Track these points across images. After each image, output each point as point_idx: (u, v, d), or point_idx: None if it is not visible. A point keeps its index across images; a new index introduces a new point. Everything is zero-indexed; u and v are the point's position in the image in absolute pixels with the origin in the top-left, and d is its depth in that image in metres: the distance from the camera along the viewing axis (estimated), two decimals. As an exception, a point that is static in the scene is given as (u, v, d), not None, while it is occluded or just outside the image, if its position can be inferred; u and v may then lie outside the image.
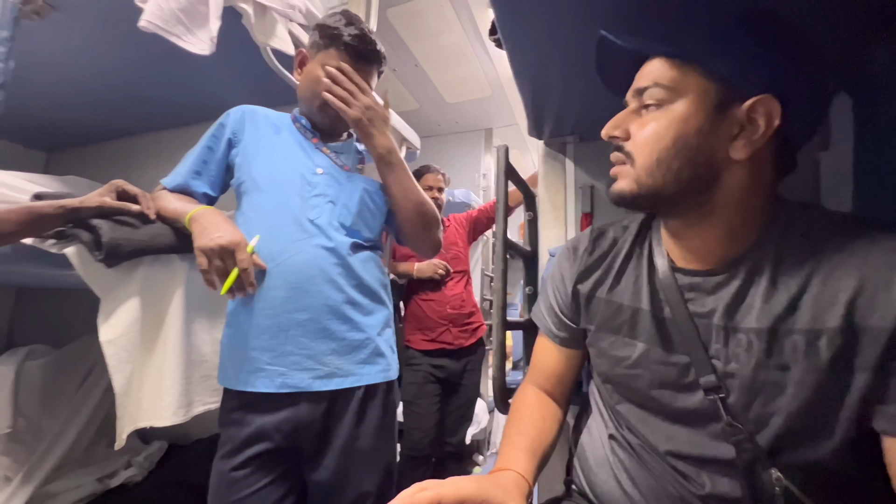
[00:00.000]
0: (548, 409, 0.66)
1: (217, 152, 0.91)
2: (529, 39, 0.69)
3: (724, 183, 0.48)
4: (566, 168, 1.12)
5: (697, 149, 0.47)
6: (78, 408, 1.29)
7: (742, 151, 0.46)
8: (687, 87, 0.47)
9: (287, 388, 0.78)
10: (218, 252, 0.74)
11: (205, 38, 0.89)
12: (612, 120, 0.53)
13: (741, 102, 0.46)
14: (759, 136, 0.46)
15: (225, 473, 0.78)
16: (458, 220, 2.01)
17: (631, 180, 0.51)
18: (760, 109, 0.45)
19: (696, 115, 0.47)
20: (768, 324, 0.46)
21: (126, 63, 1.36)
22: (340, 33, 0.87)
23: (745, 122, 0.46)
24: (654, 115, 0.49)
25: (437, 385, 1.76)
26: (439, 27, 2.33)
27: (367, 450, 0.83)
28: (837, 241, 0.45)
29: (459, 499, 0.45)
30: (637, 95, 0.52)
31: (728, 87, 0.46)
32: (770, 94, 0.45)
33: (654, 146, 0.49)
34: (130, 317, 0.78)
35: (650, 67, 0.51)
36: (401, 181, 0.90)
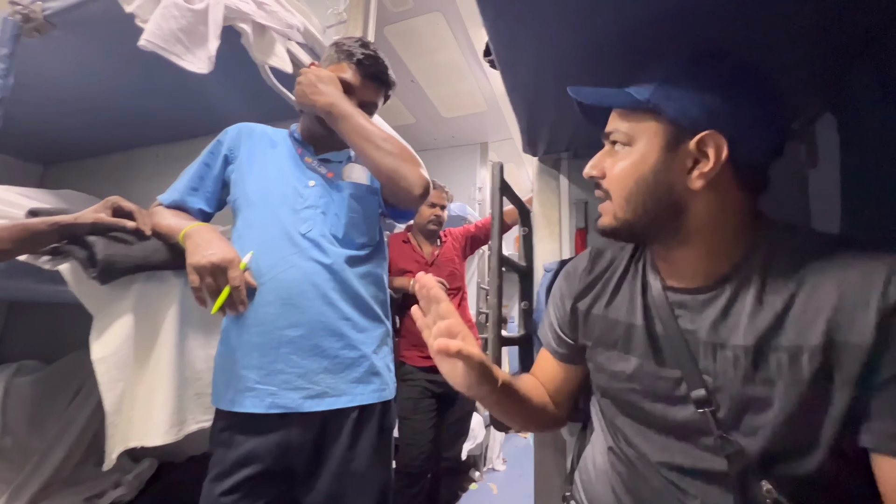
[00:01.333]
0: (541, 388, 0.70)
1: (213, 169, 0.91)
2: (523, 61, 0.70)
3: (692, 211, 0.52)
4: (560, 184, 1.13)
5: (656, 184, 0.52)
6: (67, 426, 1.27)
7: (698, 182, 0.50)
8: (641, 131, 0.53)
9: (277, 409, 0.77)
10: (210, 269, 0.73)
11: (203, 57, 0.90)
12: (590, 161, 0.59)
13: (690, 138, 0.50)
14: (710, 167, 0.50)
15: (214, 498, 0.76)
16: (454, 236, 2.01)
17: (610, 216, 0.56)
18: (709, 142, 0.49)
19: (651, 153, 0.52)
20: (754, 340, 0.48)
21: (125, 79, 1.37)
22: (355, 52, 0.90)
23: (697, 155, 0.50)
24: (621, 156, 0.55)
25: (434, 400, 1.74)
26: (435, 44, 2.38)
27: (362, 472, 0.81)
28: (820, 260, 0.47)
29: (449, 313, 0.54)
30: (606, 138, 0.58)
31: (677, 127, 0.51)
32: (714, 130, 0.49)
33: (622, 185, 0.54)
34: (123, 334, 0.77)
35: (613, 115, 0.57)
36: (355, 128, 0.84)
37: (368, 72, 0.90)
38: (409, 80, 2.70)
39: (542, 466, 1.05)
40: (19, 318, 1.89)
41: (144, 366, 0.81)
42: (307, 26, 1.21)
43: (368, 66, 0.90)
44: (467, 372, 0.53)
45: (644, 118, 0.53)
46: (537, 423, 0.69)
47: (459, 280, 1.92)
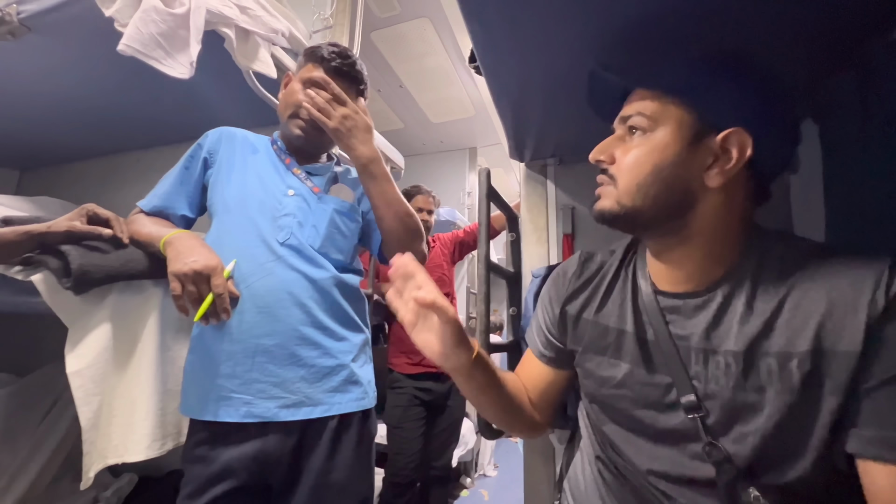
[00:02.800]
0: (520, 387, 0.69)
1: (194, 173, 0.90)
2: (508, 68, 0.70)
3: (699, 209, 0.51)
4: (547, 190, 1.13)
5: (674, 175, 0.50)
6: (41, 441, 1.22)
7: (716, 179, 0.50)
8: (666, 117, 0.51)
9: (252, 418, 0.75)
10: (192, 277, 0.71)
11: (184, 62, 0.88)
12: (598, 145, 0.57)
13: (716, 134, 0.49)
14: (731, 165, 0.49)
15: None
16: (443, 241, 2.01)
17: (612, 200, 0.54)
18: (733, 140, 0.49)
19: (673, 143, 0.51)
20: (744, 346, 0.48)
21: (104, 83, 1.34)
22: (321, 51, 0.89)
23: (719, 152, 0.49)
24: (636, 142, 0.53)
25: (422, 408, 1.73)
26: (423, 50, 2.38)
27: (341, 484, 0.79)
28: (809, 268, 0.47)
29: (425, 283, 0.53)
30: (622, 123, 0.56)
31: (704, 120, 0.50)
32: (742, 127, 0.48)
33: (635, 171, 0.52)
34: (99, 346, 0.74)
35: (636, 97, 0.55)
36: (384, 192, 0.86)
37: (332, 67, 0.88)
38: (397, 85, 2.70)
39: (532, 474, 1.04)
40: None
41: (123, 378, 0.78)
42: (293, 31, 1.20)
43: (334, 64, 0.88)
44: (443, 335, 0.53)
45: (669, 106, 0.51)
46: (512, 418, 0.67)
47: (448, 286, 1.91)
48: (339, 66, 0.89)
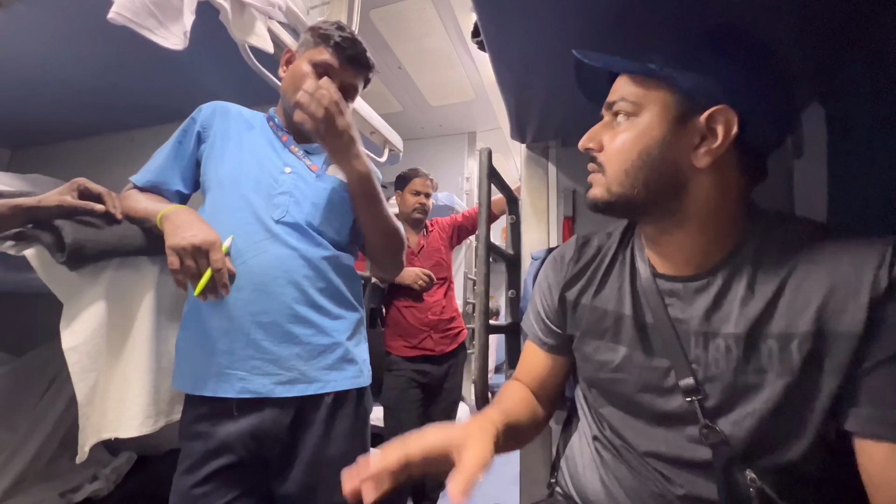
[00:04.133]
0: (528, 398, 0.68)
1: (187, 147, 0.88)
2: (513, 42, 0.69)
3: (691, 191, 0.51)
4: (549, 172, 1.12)
5: (661, 159, 0.50)
6: (39, 419, 1.22)
7: (704, 160, 0.49)
8: (650, 100, 0.50)
9: (247, 394, 0.75)
10: (191, 252, 0.70)
11: (178, 33, 0.86)
12: (587, 133, 0.56)
13: (700, 113, 0.48)
14: (718, 144, 0.48)
15: (185, 490, 0.74)
16: (441, 226, 2.00)
17: (603, 188, 0.54)
18: (719, 119, 0.48)
19: (658, 126, 0.50)
20: (745, 329, 0.48)
21: (97, 58, 1.31)
22: (332, 34, 0.86)
23: (705, 131, 0.48)
24: (623, 128, 0.52)
25: (419, 390, 1.74)
26: (423, 30, 2.33)
27: (338, 459, 0.79)
28: (811, 249, 0.47)
29: (425, 451, 0.45)
30: (608, 109, 0.55)
31: (688, 100, 0.49)
32: (726, 105, 0.47)
33: (623, 157, 0.51)
34: (95, 322, 0.73)
35: (619, 82, 0.54)
36: (372, 210, 0.87)
37: (347, 55, 0.87)
38: (396, 66, 2.65)
39: (528, 454, 1.05)
40: (-14, 309, 1.82)
41: (118, 355, 0.78)
42: (290, 5, 1.17)
43: (346, 49, 0.87)
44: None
45: (654, 88, 0.50)
46: (534, 435, 0.66)
47: (446, 270, 1.91)
48: (353, 55, 0.87)
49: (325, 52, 0.86)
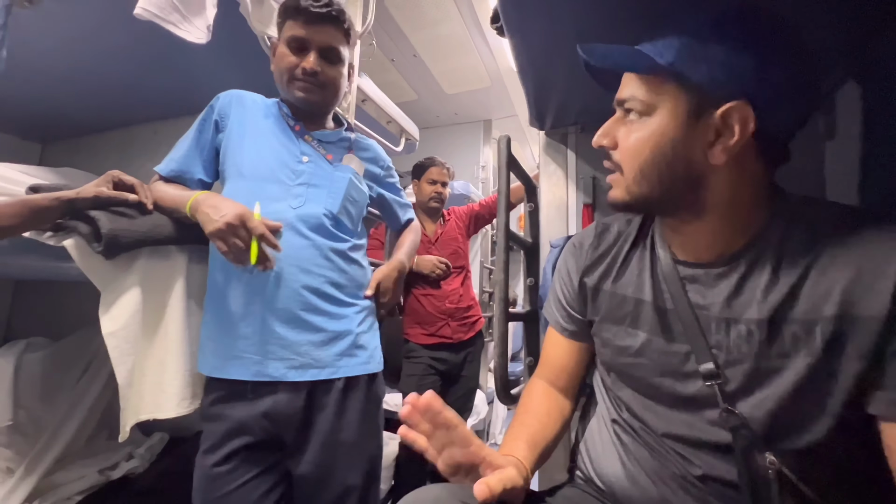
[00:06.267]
0: (553, 403, 0.68)
1: (207, 137, 0.90)
2: (534, 27, 0.68)
3: (709, 185, 0.50)
4: (568, 159, 1.11)
5: (674, 158, 0.49)
6: (78, 400, 1.28)
7: (720, 157, 0.47)
8: (661, 99, 0.49)
9: (263, 377, 0.78)
10: (229, 230, 0.73)
11: (201, 27, 0.87)
12: (601, 129, 0.55)
13: (715, 109, 0.46)
14: (735, 141, 0.46)
15: (207, 469, 0.78)
16: (458, 215, 1.99)
17: (622, 190, 0.53)
18: (735, 115, 0.46)
19: (670, 126, 0.48)
20: (768, 314, 0.47)
21: (121, 52, 1.34)
22: (290, 4, 0.85)
23: (721, 127, 0.47)
24: (636, 126, 0.51)
25: (437, 377, 1.76)
26: (438, 16, 2.30)
27: (351, 442, 0.82)
28: (838, 233, 0.46)
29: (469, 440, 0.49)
30: (620, 105, 0.54)
31: (701, 95, 0.47)
32: (743, 100, 0.45)
33: (637, 157, 0.51)
34: (131, 308, 0.77)
35: (628, 78, 0.52)
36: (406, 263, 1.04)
37: (311, 15, 0.84)
38: (411, 54, 2.63)
39: (547, 440, 1.06)
40: (26, 296, 1.91)
41: (153, 340, 0.81)
42: (307, -6, 1.17)
43: (310, 10, 0.84)
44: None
45: (664, 85, 0.49)
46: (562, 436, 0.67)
47: (463, 259, 1.91)
48: (320, 12, 0.84)
49: (293, 26, 0.85)
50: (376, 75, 2.68)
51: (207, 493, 0.78)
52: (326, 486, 0.81)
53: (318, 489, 0.81)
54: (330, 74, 0.87)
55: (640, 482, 0.56)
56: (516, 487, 0.49)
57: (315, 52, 0.85)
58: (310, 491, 0.81)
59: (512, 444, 0.59)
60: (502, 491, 0.46)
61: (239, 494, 0.77)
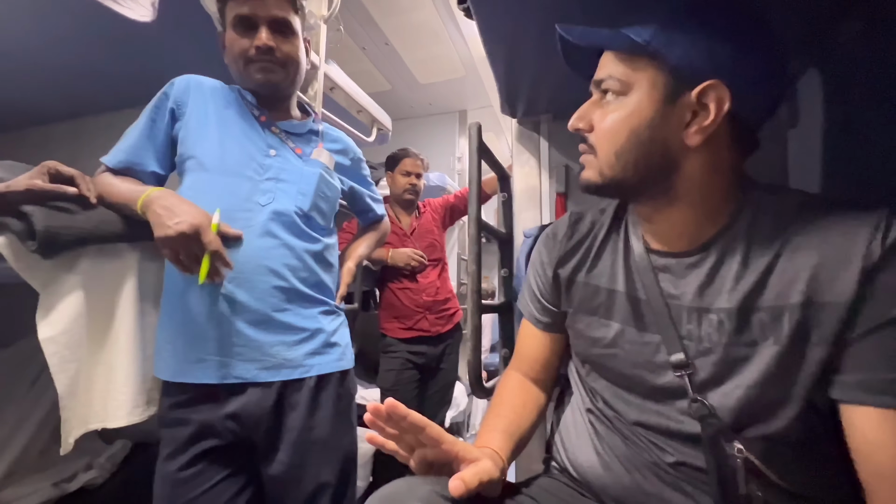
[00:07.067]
0: (529, 394, 0.68)
1: (161, 125, 0.83)
2: (501, 8, 0.65)
3: (683, 169, 0.50)
4: (540, 147, 1.09)
5: (650, 140, 0.49)
6: (29, 410, 1.21)
7: (695, 138, 0.47)
8: (638, 78, 0.49)
9: (232, 379, 0.75)
10: (181, 241, 0.68)
11: (145, 3, 0.81)
12: (576, 112, 0.54)
13: (691, 89, 0.46)
14: (710, 121, 0.46)
15: (171, 474, 0.74)
16: (433, 207, 1.97)
17: (595, 171, 0.53)
18: (711, 95, 0.46)
19: (647, 106, 0.48)
20: (738, 303, 0.48)
21: (67, 39, 1.24)
22: None
23: (697, 108, 0.47)
24: (613, 107, 0.51)
25: (416, 371, 1.74)
26: (410, 4, 2.25)
27: (323, 439, 0.80)
28: (803, 221, 0.46)
29: (440, 438, 0.48)
30: (596, 87, 0.53)
31: (677, 76, 0.47)
32: (718, 80, 0.45)
33: (612, 139, 0.50)
34: (73, 312, 0.71)
35: (606, 59, 0.52)
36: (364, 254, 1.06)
37: None
38: (383, 42, 2.56)
39: (523, 431, 1.06)
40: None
41: (101, 345, 0.76)
42: (266, -25, 1.10)
43: None
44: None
45: (641, 64, 0.48)
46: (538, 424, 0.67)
47: (440, 251, 1.89)
48: None
49: (235, 6, 0.80)
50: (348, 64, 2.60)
51: (173, 500, 0.74)
52: (299, 485, 0.78)
53: (290, 488, 0.78)
54: (285, 49, 0.83)
55: (613, 470, 0.57)
56: (493, 479, 0.48)
57: (265, 26, 0.80)
58: (282, 491, 0.79)
59: (488, 435, 0.59)
60: (478, 484, 0.46)
61: (207, 498, 0.74)
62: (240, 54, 0.80)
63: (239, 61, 0.81)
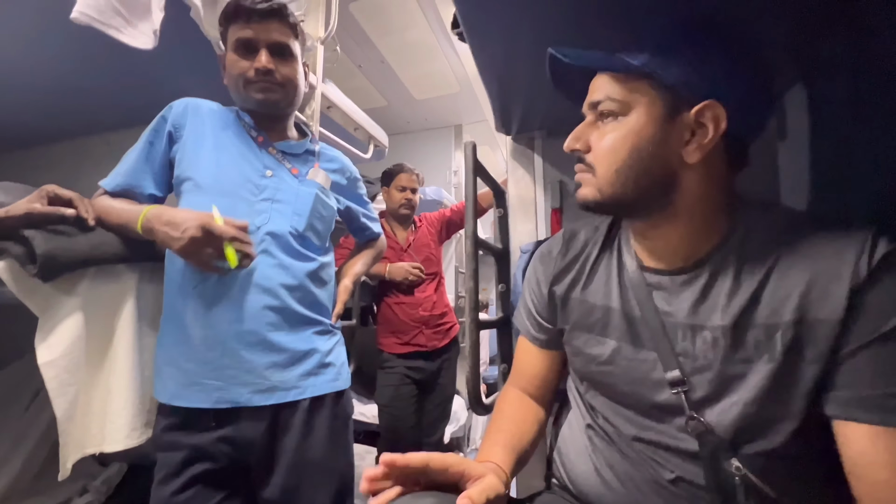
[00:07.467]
0: (529, 409, 0.68)
1: (159, 148, 0.84)
2: (494, 33, 0.67)
3: (682, 186, 0.51)
4: (535, 164, 1.11)
5: (652, 157, 0.49)
6: (24, 433, 1.19)
7: (695, 155, 0.49)
8: (636, 99, 0.50)
9: (225, 404, 0.74)
10: (197, 244, 0.69)
11: (146, 31, 0.82)
12: (572, 133, 0.55)
13: (689, 109, 0.48)
14: (709, 139, 0.48)
15: (166, 499, 0.73)
16: (430, 221, 1.98)
17: (593, 189, 0.53)
18: (707, 114, 0.48)
19: (647, 125, 0.49)
20: (732, 320, 0.48)
21: (67, 58, 1.26)
22: (230, 8, 0.82)
23: (695, 126, 0.48)
24: (610, 127, 0.51)
25: (414, 386, 1.73)
26: (404, 22, 2.29)
27: (318, 462, 0.79)
28: (794, 239, 0.47)
29: (445, 465, 0.47)
30: (592, 108, 0.54)
31: (675, 96, 0.49)
32: (714, 100, 0.47)
33: (612, 158, 0.51)
34: (73, 335, 0.71)
35: (601, 81, 0.53)
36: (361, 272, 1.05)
37: (254, 12, 0.81)
38: (379, 60, 2.61)
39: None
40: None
41: (99, 367, 0.75)
42: (264, 0, 1.13)
43: (250, 8, 0.81)
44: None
45: (638, 85, 0.50)
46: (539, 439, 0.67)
47: (436, 265, 1.90)
48: (262, 8, 0.81)
49: (237, 29, 0.82)
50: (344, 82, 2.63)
51: None
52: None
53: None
54: (284, 72, 0.84)
55: (612, 487, 0.57)
56: (499, 495, 0.48)
57: (265, 49, 0.82)
58: None
59: (490, 449, 0.58)
60: (486, 501, 0.45)
61: None
62: (239, 75, 0.82)
63: (238, 82, 0.83)
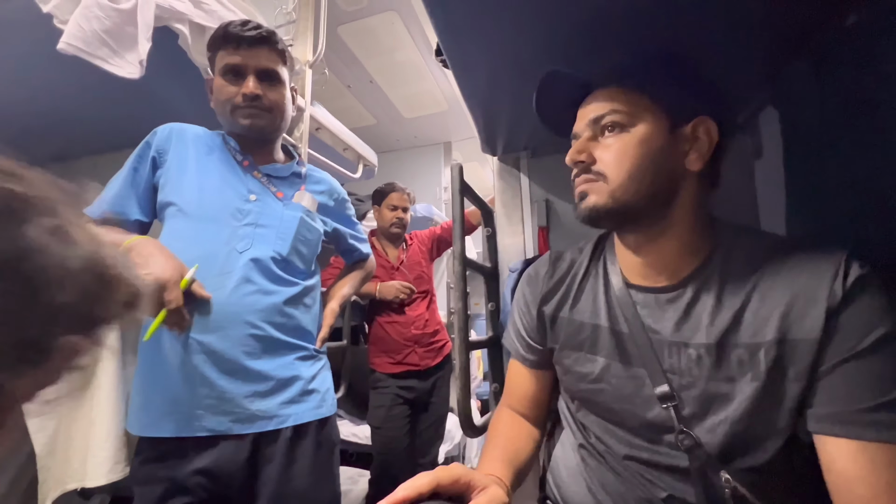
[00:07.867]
0: (522, 428, 0.68)
1: (143, 174, 0.84)
2: (475, 61, 0.69)
3: (680, 196, 0.54)
4: (521, 183, 1.13)
5: (662, 163, 0.53)
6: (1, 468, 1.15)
7: (696, 163, 0.53)
8: (641, 111, 0.53)
9: (203, 431, 0.72)
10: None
11: (133, 61, 0.83)
12: (574, 147, 0.57)
13: (686, 123, 0.52)
14: (707, 150, 0.52)
15: None
16: (420, 239, 1.98)
17: (605, 195, 0.54)
18: (701, 128, 0.52)
19: (656, 134, 0.52)
20: (715, 339, 0.49)
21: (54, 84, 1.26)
22: (219, 34, 0.83)
23: (692, 139, 0.52)
24: (616, 138, 0.54)
25: (406, 406, 1.71)
26: (392, 44, 2.34)
27: (302, 493, 0.77)
28: (773, 261, 0.50)
29: (454, 478, 0.46)
30: (595, 124, 0.56)
31: (674, 111, 0.52)
32: (706, 116, 0.52)
33: (626, 164, 0.53)
34: (53, 367, 0.69)
35: (602, 97, 0.55)
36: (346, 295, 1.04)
37: (242, 39, 0.82)
38: (367, 80, 2.65)
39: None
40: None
41: (81, 400, 0.74)
42: (252, 26, 1.15)
43: (239, 34, 0.82)
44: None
45: (640, 100, 0.53)
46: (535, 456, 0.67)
47: (427, 283, 1.90)
48: (251, 35, 0.82)
49: (226, 55, 0.83)
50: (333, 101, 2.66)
51: None
52: None
53: None
54: (272, 97, 0.85)
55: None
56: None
57: (253, 75, 0.82)
58: None
59: (489, 464, 0.58)
60: None
61: None
62: (227, 100, 0.83)
63: (226, 107, 0.83)
